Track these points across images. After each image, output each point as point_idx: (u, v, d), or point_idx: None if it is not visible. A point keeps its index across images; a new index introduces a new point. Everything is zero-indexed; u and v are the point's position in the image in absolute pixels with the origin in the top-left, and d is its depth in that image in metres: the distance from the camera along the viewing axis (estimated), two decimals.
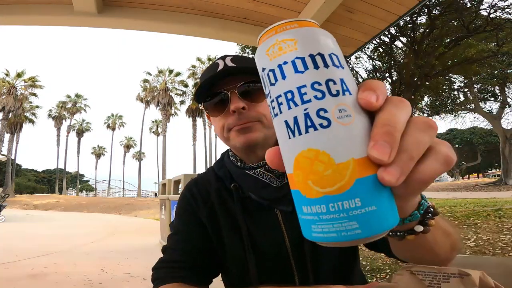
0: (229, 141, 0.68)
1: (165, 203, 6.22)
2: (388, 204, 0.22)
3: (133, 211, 18.43)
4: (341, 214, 0.21)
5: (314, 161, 0.22)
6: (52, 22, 1.85)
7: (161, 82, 35.93)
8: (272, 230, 0.67)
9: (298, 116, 0.23)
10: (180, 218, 0.74)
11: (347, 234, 0.21)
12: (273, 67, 0.24)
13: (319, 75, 0.23)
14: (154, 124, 43.41)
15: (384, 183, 0.21)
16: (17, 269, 4.54)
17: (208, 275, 0.71)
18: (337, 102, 0.22)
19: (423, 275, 0.37)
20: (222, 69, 0.66)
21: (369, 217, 0.21)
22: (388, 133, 0.21)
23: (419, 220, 0.38)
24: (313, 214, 0.23)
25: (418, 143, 0.22)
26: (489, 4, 9.88)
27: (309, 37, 0.24)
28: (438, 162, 0.23)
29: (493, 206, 7.78)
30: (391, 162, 0.21)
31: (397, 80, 10.95)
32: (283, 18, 2.11)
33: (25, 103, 35.50)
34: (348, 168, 0.21)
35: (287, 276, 0.66)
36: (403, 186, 0.22)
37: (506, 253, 3.98)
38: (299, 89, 0.23)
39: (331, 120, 0.22)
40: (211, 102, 0.67)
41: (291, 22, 0.25)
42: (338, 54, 0.25)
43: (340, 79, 0.23)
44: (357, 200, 0.21)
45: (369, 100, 0.23)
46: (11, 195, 28.30)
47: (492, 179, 32.74)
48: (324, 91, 0.22)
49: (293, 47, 0.24)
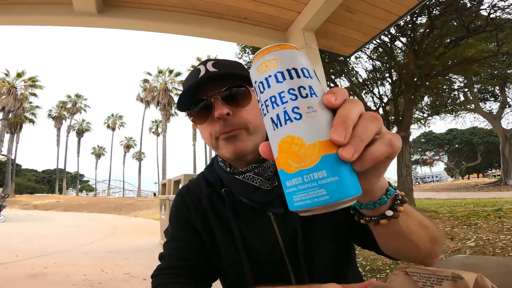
0: (218, 150, 0.68)
1: (165, 203, 6.22)
2: (349, 176, 0.29)
3: (133, 211, 18.43)
4: (313, 183, 0.28)
5: (292, 144, 0.29)
6: (52, 22, 1.85)
7: (161, 82, 35.93)
8: (265, 232, 0.67)
9: (279, 113, 0.31)
10: (174, 225, 0.75)
11: (319, 200, 0.28)
12: (261, 80, 0.33)
13: (293, 83, 0.31)
14: (154, 124, 43.41)
15: (342, 159, 0.28)
16: (17, 269, 4.54)
17: (207, 279, 0.71)
18: (306, 102, 0.30)
19: (418, 276, 0.37)
20: (204, 76, 0.65)
21: (334, 185, 0.27)
22: (344, 122, 0.29)
23: (389, 206, 0.43)
24: (293, 186, 0.29)
25: (366, 129, 0.30)
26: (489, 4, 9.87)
27: (287, 56, 0.33)
28: (383, 144, 0.31)
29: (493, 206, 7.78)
30: (347, 143, 0.28)
31: (397, 80, 10.95)
32: (283, 18, 2.12)
33: (25, 103, 35.48)
34: (315, 148, 0.28)
35: (284, 277, 0.66)
36: (359, 163, 0.29)
37: (506, 253, 3.98)
38: (279, 94, 0.31)
39: (302, 115, 0.30)
40: (194, 109, 0.67)
41: (275, 46, 0.34)
42: (308, 68, 0.33)
43: (309, 86, 0.31)
44: (323, 172, 0.28)
45: (329, 100, 0.30)
46: (11, 195, 28.29)
47: (492, 179, 32.73)
48: (297, 95, 0.31)
49: (275, 64, 0.32)
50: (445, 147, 39.80)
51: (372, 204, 0.42)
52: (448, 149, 39.96)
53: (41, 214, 18.20)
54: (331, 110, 0.31)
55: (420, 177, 71.44)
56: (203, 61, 0.71)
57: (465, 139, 36.03)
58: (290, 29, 2.21)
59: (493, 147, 32.64)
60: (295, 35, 2.16)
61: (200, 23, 2.02)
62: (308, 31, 2.09)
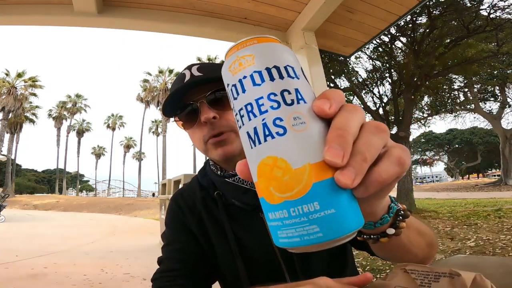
0: (208, 154, 0.69)
1: (165, 203, 6.22)
2: (348, 206, 0.22)
3: (133, 211, 18.43)
4: (301, 218, 0.22)
5: (273, 168, 0.23)
6: (52, 22, 1.85)
7: (161, 82, 35.93)
8: (258, 234, 0.67)
9: (257, 126, 0.24)
10: (170, 229, 0.75)
11: (309, 238, 0.22)
12: (235, 82, 0.26)
13: (275, 86, 0.24)
14: (154, 124, 43.43)
15: (340, 185, 0.22)
16: (17, 269, 4.54)
17: (205, 281, 0.71)
18: (292, 110, 0.23)
19: (416, 274, 0.38)
20: (189, 80, 0.65)
21: (329, 220, 0.21)
22: (341, 136, 0.22)
23: (390, 223, 0.39)
24: (277, 220, 0.23)
25: (370, 145, 0.24)
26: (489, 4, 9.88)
27: (266, 51, 0.26)
28: (391, 163, 0.25)
29: (493, 206, 7.78)
30: (346, 165, 0.22)
31: (397, 80, 10.95)
32: (283, 18, 2.12)
33: (25, 103, 35.49)
34: (304, 172, 0.22)
35: (280, 279, 0.66)
36: (362, 188, 0.23)
37: (506, 253, 3.98)
38: (257, 100, 0.24)
39: (286, 128, 0.23)
40: (181, 114, 0.67)
41: (251, 39, 0.27)
42: (294, 66, 0.26)
43: (295, 89, 0.24)
44: (315, 204, 0.21)
45: (321, 107, 0.24)
46: (11, 195, 28.29)
47: (492, 179, 32.73)
48: (279, 101, 0.24)
49: (251, 61, 0.25)
50: (445, 147, 39.81)
51: (372, 224, 0.39)
52: (448, 149, 39.96)
53: (41, 214, 18.20)
54: (324, 121, 0.24)
55: (420, 177, 71.42)
56: (188, 65, 0.71)
57: (465, 139, 36.04)
58: (290, 29, 2.21)
59: (493, 147, 32.65)
60: (295, 35, 2.16)
61: (200, 23, 2.02)
62: (308, 31, 2.09)
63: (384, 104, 11.38)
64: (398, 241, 0.42)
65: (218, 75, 0.67)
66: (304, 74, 0.27)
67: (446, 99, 13.22)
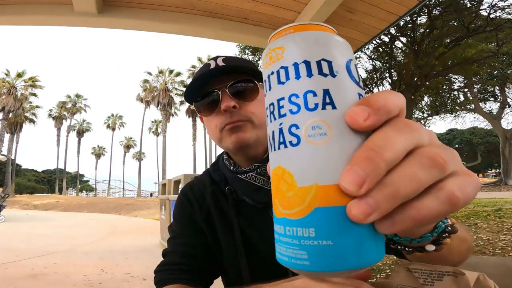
0: (222, 142, 0.69)
1: (165, 203, 6.22)
2: (354, 242, 0.19)
3: (133, 211, 18.43)
4: (294, 240, 0.20)
5: (281, 180, 0.21)
6: (52, 22, 1.85)
7: (161, 82, 35.93)
8: (266, 233, 0.67)
9: (275, 130, 0.21)
10: (178, 222, 0.75)
11: (296, 262, 0.20)
12: (265, 78, 0.23)
13: (299, 86, 0.21)
14: (154, 124, 43.42)
15: (350, 216, 0.18)
16: (17, 269, 4.54)
17: (209, 276, 0.71)
18: (313, 117, 0.20)
19: (419, 273, 0.37)
20: (213, 68, 0.67)
21: (321, 251, 0.19)
22: (369, 158, 0.17)
23: (432, 240, 0.35)
24: (276, 233, 0.22)
25: (411, 179, 0.18)
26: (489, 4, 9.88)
27: (299, 42, 0.22)
28: (438, 199, 0.18)
29: (493, 206, 7.78)
30: (366, 194, 0.17)
31: (397, 80, 10.96)
32: (283, 18, 2.11)
33: (25, 103, 35.48)
34: (309, 193, 0.19)
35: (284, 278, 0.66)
36: (388, 224, 0.19)
37: (506, 253, 3.98)
38: (278, 101, 0.21)
39: (301, 138, 0.20)
40: (202, 101, 0.68)
41: (288, 28, 0.23)
42: (331, 60, 0.21)
43: (324, 90, 0.20)
44: (311, 230, 0.19)
45: (354, 117, 0.19)
46: (11, 195, 28.28)
47: (492, 179, 32.73)
48: (299, 105, 0.20)
49: (281, 55, 0.22)
50: None
51: (409, 240, 0.34)
52: None
53: (41, 214, 18.20)
54: (357, 136, 0.19)
55: None
56: (214, 57, 0.73)
57: (465, 139, 36.06)
58: None
59: (493, 147, 32.66)
60: None
61: (200, 23, 2.02)
62: None
63: None
64: (437, 254, 0.38)
65: (242, 65, 0.68)
66: (351, 70, 0.22)
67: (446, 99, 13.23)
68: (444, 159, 0.18)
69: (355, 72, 0.22)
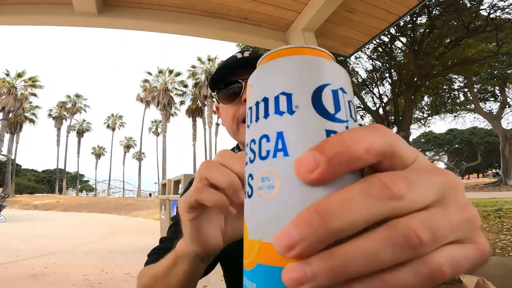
0: (237, 135, 0.70)
1: (165, 203, 6.22)
2: None
3: (133, 211, 18.43)
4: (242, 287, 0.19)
5: (243, 228, 0.20)
6: (52, 22, 1.85)
7: (161, 82, 35.94)
8: None
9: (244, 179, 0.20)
10: None
11: None
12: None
13: (257, 130, 0.18)
14: (154, 124, 43.44)
15: (282, 280, 0.14)
16: (17, 269, 4.55)
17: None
18: (263, 167, 0.17)
19: None
20: (241, 58, 0.69)
21: None
22: (310, 222, 0.14)
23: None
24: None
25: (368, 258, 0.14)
26: (489, 4, 9.88)
27: (260, 77, 0.19)
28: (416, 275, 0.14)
29: (493, 206, 7.78)
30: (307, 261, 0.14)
31: (397, 80, 10.96)
32: (283, 18, 2.11)
33: (25, 103, 35.51)
34: (254, 248, 0.17)
35: None
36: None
37: (506, 253, 3.98)
38: (247, 146, 0.19)
39: (253, 190, 0.18)
40: (224, 89, 0.70)
41: (263, 58, 0.21)
42: (291, 92, 0.17)
43: (278, 133, 0.17)
44: (254, 285, 0.17)
45: (299, 168, 0.15)
46: (11, 195, 28.29)
47: (492, 179, 32.74)
48: (255, 152, 0.18)
49: (249, 94, 0.20)
50: (445, 147, 39.82)
51: None
52: (448, 149, 39.98)
53: (41, 214, 18.20)
54: (315, 189, 0.15)
55: None
56: (241, 50, 0.75)
57: (465, 139, 36.06)
58: (290, 29, 2.21)
59: (493, 147, 32.66)
60: (295, 35, 2.16)
61: (200, 23, 2.02)
62: (308, 31, 2.09)
63: (384, 104, 11.40)
64: None
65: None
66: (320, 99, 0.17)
67: (446, 99, 13.24)
68: (422, 239, 0.14)
69: (329, 101, 0.17)
